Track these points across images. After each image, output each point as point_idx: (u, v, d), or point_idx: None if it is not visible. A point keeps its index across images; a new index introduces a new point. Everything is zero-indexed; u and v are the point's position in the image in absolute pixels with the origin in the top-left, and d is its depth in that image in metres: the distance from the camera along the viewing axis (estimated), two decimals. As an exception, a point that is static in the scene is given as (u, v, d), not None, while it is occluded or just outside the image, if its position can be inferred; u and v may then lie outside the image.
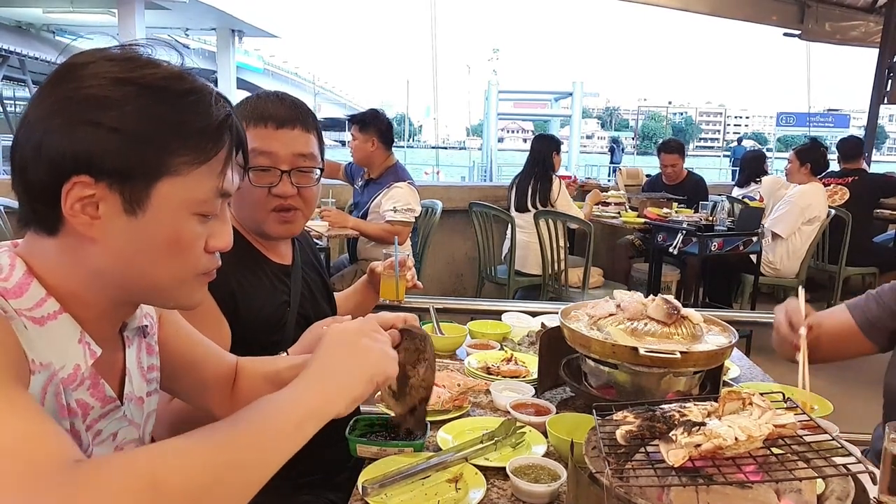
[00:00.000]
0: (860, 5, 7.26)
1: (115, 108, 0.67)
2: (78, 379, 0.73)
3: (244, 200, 1.28)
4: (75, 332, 0.72)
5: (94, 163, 0.66)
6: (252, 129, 1.25)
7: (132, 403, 0.83)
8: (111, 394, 0.78)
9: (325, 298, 1.53)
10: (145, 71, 0.70)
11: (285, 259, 1.39)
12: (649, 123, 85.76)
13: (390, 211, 3.30)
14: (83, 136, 0.66)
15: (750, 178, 5.13)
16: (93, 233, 0.69)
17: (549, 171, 4.07)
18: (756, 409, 0.86)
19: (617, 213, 4.67)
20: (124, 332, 0.84)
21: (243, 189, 1.23)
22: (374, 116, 3.39)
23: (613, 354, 1.19)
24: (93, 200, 0.68)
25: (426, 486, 1.03)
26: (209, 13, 13.71)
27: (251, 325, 1.25)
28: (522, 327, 1.86)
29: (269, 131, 1.26)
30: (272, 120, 1.26)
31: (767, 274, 4.30)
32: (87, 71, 0.68)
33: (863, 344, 1.45)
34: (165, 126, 0.69)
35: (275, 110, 1.27)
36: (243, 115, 1.27)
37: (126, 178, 0.68)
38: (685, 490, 0.78)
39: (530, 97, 27.62)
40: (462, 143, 58.02)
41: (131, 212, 0.69)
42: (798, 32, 7.43)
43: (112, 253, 0.70)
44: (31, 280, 0.70)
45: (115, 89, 0.67)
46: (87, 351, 0.73)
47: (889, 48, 6.30)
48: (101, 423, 0.77)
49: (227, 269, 1.22)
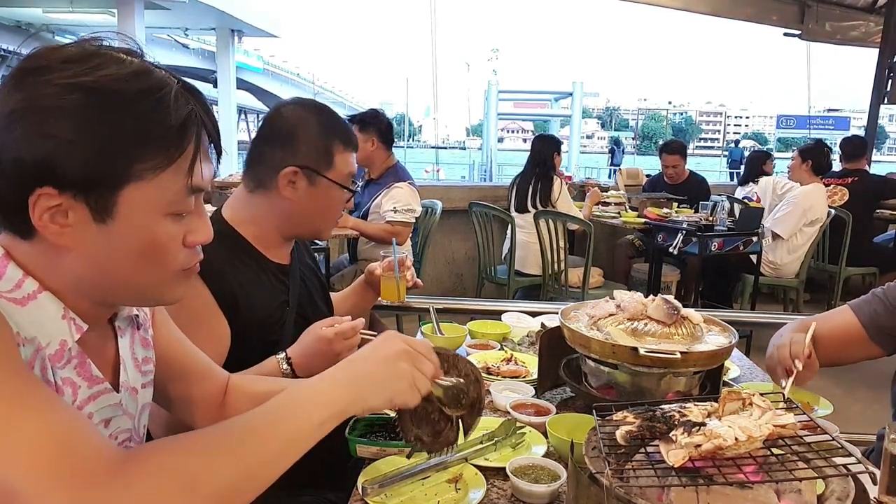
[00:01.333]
0: (860, 5, 7.26)
1: (69, 118, 0.65)
2: (65, 356, 0.72)
3: (322, 211, 1.36)
4: (59, 308, 0.71)
5: (55, 174, 0.65)
6: (347, 153, 1.36)
7: (127, 393, 0.83)
8: (98, 374, 0.77)
9: (322, 299, 1.53)
10: (99, 73, 0.66)
11: (284, 259, 1.39)
12: (649, 123, 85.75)
13: (390, 211, 3.29)
14: (41, 148, 0.65)
15: (751, 177, 5.13)
16: (65, 241, 0.68)
17: (549, 171, 4.07)
18: (756, 409, 0.86)
19: (617, 213, 4.66)
20: (115, 321, 0.83)
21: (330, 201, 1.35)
22: (373, 116, 3.38)
23: (613, 355, 1.19)
24: (61, 209, 0.67)
25: (426, 487, 1.03)
26: (209, 13, 13.69)
27: (251, 324, 1.25)
28: (522, 327, 1.86)
29: (354, 157, 1.39)
30: (354, 147, 1.39)
31: (767, 274, 4.30)
32: (38, 79, 0.66)
33: (868, 347, 1.41)
34: (123, 133, 0.67)
35: (354, 138, 1.40)
36: (336, 135, 1.35)
37: (90, 188, 0.66)
38: (685, 490, 0.78)
39: (530, 97, 27.64)
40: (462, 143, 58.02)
41: (100, 220, 0.68)
42: (798, 32, 7.43)
43: (88, 259, 0.70)
44: (7, 262, 0.70)
45: (68, 98, 0.65)
46: (73, 326, 0.72)
47: (889, 48, 6.29)
48: (91, 405, 0.76)
49: (228, 268, 1.25)
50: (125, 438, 0.82)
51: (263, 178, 1.32)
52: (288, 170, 1.29)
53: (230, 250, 1.29)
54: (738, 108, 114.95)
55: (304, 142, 1.31)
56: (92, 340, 0.76)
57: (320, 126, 1.33)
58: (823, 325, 1.44)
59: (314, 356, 1.20)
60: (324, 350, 1.20)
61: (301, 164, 1.30)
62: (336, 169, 1.33)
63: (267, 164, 1.31)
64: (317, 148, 1.32)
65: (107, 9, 12.23)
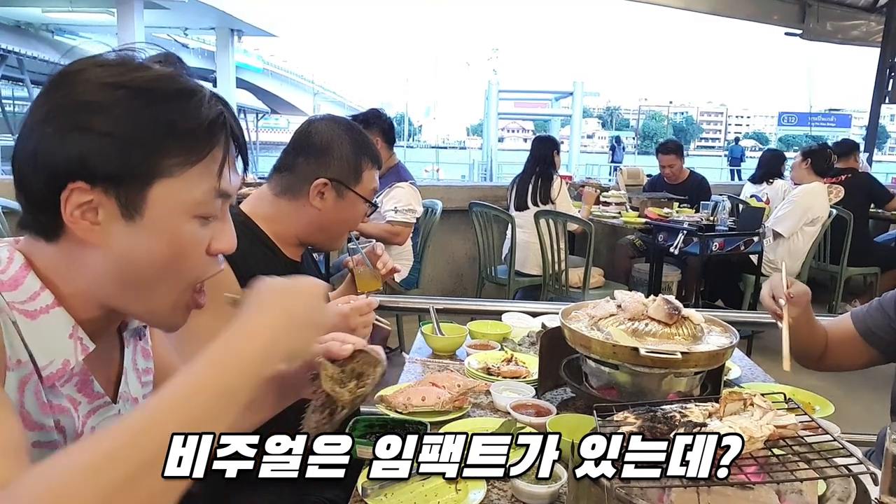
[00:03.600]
0: (861, 5, 7.26)
1: (104, 111, 0.67)
2: (66, 375, 0.72)
3: (344, 221, 1.45)
4: (67, 326, 0.72)
5: (87, 168, 0.67)
6: (374, 171, 1.47)
7: (128, 403, 0.83)
8: (99, 390, 0.77)
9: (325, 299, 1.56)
10: (135, 74, 0.70)
11: (296, 256, 1.47)
12: (650, 123, 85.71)
13: (391, 211, 3.29)
14: (75, 142, 0.66)
15: (765, 176, 5.12)
16: (94, 238, 0.69)
17: (549, 168, 4.08)
18: (757, 409, 0.85)
19: (618, 213, 4.66)
20: (123, 332, 0.83)
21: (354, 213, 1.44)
22: (375, 116, 3.40)
23: (614, 355, 1.19)
24: (91, 206, 0.68)
25: (426, 487, 1.03)
26: (208, 13, 13.72)
27: None
28: (523, 327, 1.86)
29: (378, 172, 1.49)
30: (380, 164, 1.49)
31: (769, 274, 4.29)
32: (78, 77, 0.69)
33: (866, 351, 1.45)
34: (155, 127, 0.69)
35: (379, 155, 1.50)
36: (366, 153, 1.44)
37: (120, 182, 0.68)
38: (686, 491, 0.78)
39: (531, 97, 27.63)
40: (462, 143, 58.01)
41: (129, 217, 0.69)
42: (799, 32, 7.44)
43: (112, 259, 0.70)
44: (27, 272, 0.70)
45: (105, 93, 0.67)
46: (79, 346, 0.72)
47: (890, 47, 6.30)
48: (92, 419, 0.76)
49: (248, 254, 1.30)
50: None
51: (293, 185, 1.40)
52: (319, 181, 1.38)
53: (251, 240, 1.37)
54: (740, 107, 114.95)
55: (337, 157, 1.40)
56: (98, 356, 0.76)
57: (353, 144, 1.43)
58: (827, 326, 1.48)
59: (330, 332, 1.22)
60: (340, 326, 1.22)
61: (332, 177, 1.39)
62: (363, 184, 1.44)
63: (299, 174, 1.40)
64: (348, 163, 1.41)
65: (107, 8, 12.25)
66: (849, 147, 5.23)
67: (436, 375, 1.44)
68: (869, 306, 1.47)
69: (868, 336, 1.44)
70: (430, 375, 1.44)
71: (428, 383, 1.38)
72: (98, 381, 0.77)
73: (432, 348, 1.71)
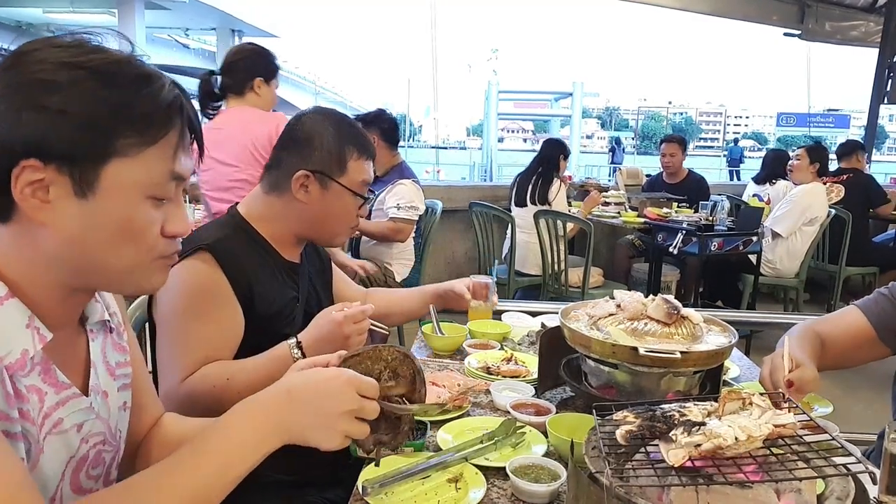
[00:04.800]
0: (860, 5, 7.27)
1: (60, 91, 0.67)
2: (28, 364, 0.72)
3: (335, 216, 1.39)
4: (23, 317, 0.71)
5: (41, 146, 0.67)
6: (362, 161, 1.39)
7: (98, 396, 0.82)
8: (64, 379, 0.76)
9: (328, 299, 1.57)
10: (93, 56, 0.70)
11: (294, 258, 1.44)
12: (649, 123, 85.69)
13: (394, 208, 3.31)
14: (30, 120, 0.67)
15: (769, 177, 5.12)
16: (44, 217, 0.69)
17: (552, 170, 4.10)
18: (756, 408, 0.86)
19: (617, 213, 4.66)
20: (86, 323, 0.83)
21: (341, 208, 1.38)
22: (377, 116, 3.43)
23: (613, 354, 1.19)
24: (42, 184, 0.68)
25: (426, 486, 1.03)
26: (209, 13, 13.72)
27: (265, 316, 1.31)
28: (522, 327, 1.86)
29: (370, 165, 1.42)
30: (370, 156, 1.42)
31: (767, 274, 4.29)
32: (33, 57, 0.69)
33: (877, 348, 1.38)
34: (112, 108, 0.69)
35: (371, 147, 1.43)
36: (351, 142, 1.38)
37: (74, 161, 0.68)
38: (685, 490, 0.78)
39: (530, 97, 27.65)
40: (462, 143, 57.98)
41: (81, 195, 0.69)
42: (798, 32, 7.44)
43: (64, 237, 0.70)
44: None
45: (62, 73, 0.68)
46: (36, 336, 0.72)
47: (889, 48, 6.30)
48: (60, 410, 0.76)
49: (244, 257, 1.30)
50: (98, 441, 0.82)
51: (280, 180, 1.37)
52: (300, 173, 1.34)
53: (247, 243, 1.35)
54: (738, 107, 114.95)
55: (318, 147, 1.35)
56: (59, 346, 0.75)
57: (336, 133, 1.37)
58: (831, 327, 1.40)
59: (324, 340, 1.22)
60: (334, 333, 1.22)
61: (313, 169, 1.34)
62: (349, 175, 1.37)
63: (283, 168, 1.36)
64: (330, 154, 1.36)
65: (107, 9, 12.25)
66: (852, 147, 5.25)
67: (436, 375, 1.44)
68: (877, 299, 1.39)
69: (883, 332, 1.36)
70: (430, 375, 1.44)
71: (428, 383, 1.39)
72: (64, 372, 0.77)
73: (432, 348, 1.71)
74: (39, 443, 0.72)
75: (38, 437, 0.72)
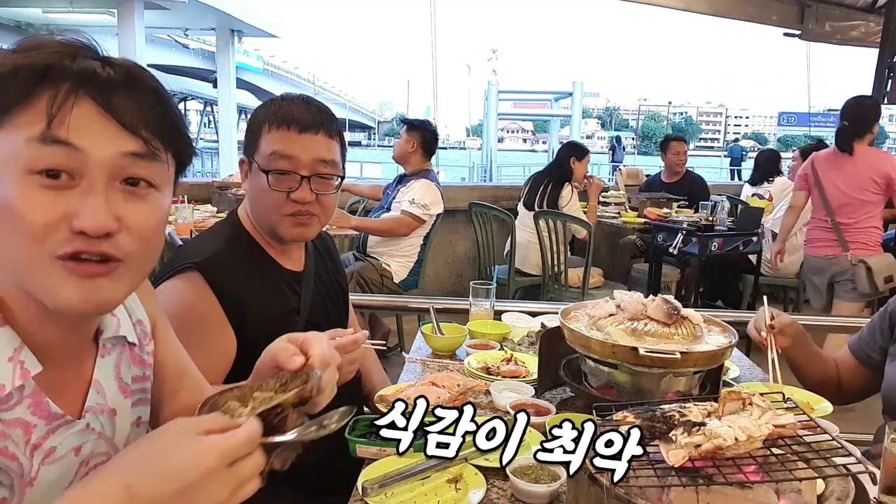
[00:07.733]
0: (860, 5, 7.26)
1: None
2: (16, 397, 0.67)
3: (260, 201, 1.27)
4: (8, 349, 0.67)
5: None
6: (275, 131, 1.24)
7: (102, 416, 0.78)
8: (57, 410, 0.72)
9: (339, 306, 1.51)
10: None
11: (297, 265, 1.38)
12: (649, 123, 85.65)
13: (407, 202, 3.37)
14: None
15: (764, 177, 5.13)
16: None
17: (565, 175, 4.06)
18: (756, 409, 0.86)
19: (617, 213, 4.66)
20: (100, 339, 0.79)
21: (260, 190, 1.25)
22: (423, 124, 3.61)
23: (613, 355, 1.19)
24: None
25: (426, 487, 1.03)
26: (209, 13, 13.70)
27: (257, 332, 1.20)
28: (522, 327, 1.86)
29: (292, 135, 1.24)
30: (296, 124, 1.24)
31: (767, 274, 4.29)
32: None
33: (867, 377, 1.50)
34: None
35: (299, 114, 1.25)
36: (267, 116, 1.26)
37: None
38: (685, 490, 0.78)
39: (530, 97, 27.66)
40: (462, 143, 57.99)
41: None
42: (798, 32, 7.43)
43: None
44: None
45: None
46: (18, 369, 0.67)
47: (889, 48, 6.29)
48: (52, 439, 0.71)
49: (237, 274, 1.24)
50: (101, 462, 0.77)
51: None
52: (240, 160, 1.33)
53: (241, 256, 1.28)
54: (739, 107, 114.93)
55: (248, 131, 1.30)
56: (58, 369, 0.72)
57: (258, 112, 1.29)
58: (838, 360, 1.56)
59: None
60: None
61: (246, 154, 1.30)
62: (260, 151, 1.26)
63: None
64: (252, 133, 1.28)
65: (107, 9, 12.24)
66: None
67: (436, 375, 1.44)
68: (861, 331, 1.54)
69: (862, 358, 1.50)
70: (429, 375, 1.44)
71: (428, 383, 1.39)
72: (59, 398, 0.72)
73: (432, 348, 1.71)
74: (26, 476, 0.69)
75: (25, 470, 0.69)
